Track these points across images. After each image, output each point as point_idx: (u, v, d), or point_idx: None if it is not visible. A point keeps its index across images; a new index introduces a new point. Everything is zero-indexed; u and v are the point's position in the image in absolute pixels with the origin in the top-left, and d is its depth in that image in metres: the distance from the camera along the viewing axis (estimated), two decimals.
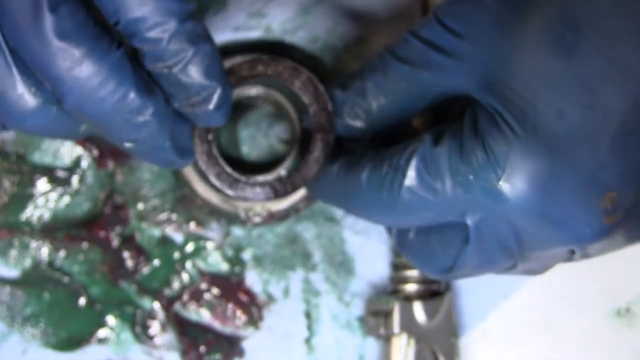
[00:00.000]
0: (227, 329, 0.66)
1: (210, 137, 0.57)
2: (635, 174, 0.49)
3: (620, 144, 0.49)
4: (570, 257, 0.53)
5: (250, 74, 0.56)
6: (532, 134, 0.50)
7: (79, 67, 0.49)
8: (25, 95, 0.50)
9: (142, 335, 0.66)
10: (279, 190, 0.58)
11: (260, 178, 0.61)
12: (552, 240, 0.51)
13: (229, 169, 0.57)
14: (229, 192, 0.57)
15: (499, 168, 0.50)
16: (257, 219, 0.65)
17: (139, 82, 0.51)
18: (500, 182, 0.50)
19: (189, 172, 0.65)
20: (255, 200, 0.58)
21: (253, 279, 0.67)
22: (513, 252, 0.53)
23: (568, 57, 0.49)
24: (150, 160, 0.55)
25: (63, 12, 0.49)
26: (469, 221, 0.53)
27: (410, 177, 0.53)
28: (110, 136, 0.52)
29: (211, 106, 0.52)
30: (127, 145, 0.53)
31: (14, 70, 0.50)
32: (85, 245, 0.66)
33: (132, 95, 0.50)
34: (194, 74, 0.51)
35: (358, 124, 0.57)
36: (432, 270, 0.56)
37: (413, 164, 0.53)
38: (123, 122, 0.51)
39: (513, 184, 0.50)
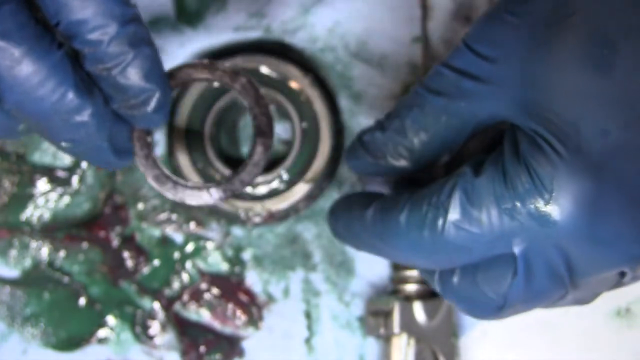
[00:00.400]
0: (227, 329, 0.66)
1: (149, 139, 0.56)
2: None
3: None
4: (620, 280, 0.52)
5: (190, 78, 0.55)
6: (577, 154, 0.49)
7: (19, 66, 0.50)
8: None
9: (142, 335, 0.66)
10: (217, 194, 0.57)
11: (200, 182, 0.60)
12: (603, 262, 0.50)
13: (167, 172, 0.56)
14: (169, 194, 0.56)
15: (545, 191, 0.49)
16: (257, 219, 0.65)
17: (79, 82, 0.51)
18: (548, 206, 0.49)
19: (189, 172, 0.65)
20: (194, 203, 0.57)
21: (253, 279, 0.67)
22: (563, 280, 0.51)
23: (607, 74, 0.48)
24: (88, 161, 0.55)
25: (4, 13, 0.49)
26: (517, 250, 0.51)
27: (454, 212, 0.52)
28: (48, 135, 0.53)
29: (149, 109, 0.53)
30: (65, 145, 0.53)
31: None
32: (85, 245, 0.66)
33: (70, 95, 0.51)
34: (133, 77, 0.52)
35: (403, 163, 0.56)
36: (483, 312, 0.54)
37: (455, 198, 0.52)
38: (61, 122, 0.52)
39: (561, 206, 0.49)
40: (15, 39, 0.50)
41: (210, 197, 0.56)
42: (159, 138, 0.66)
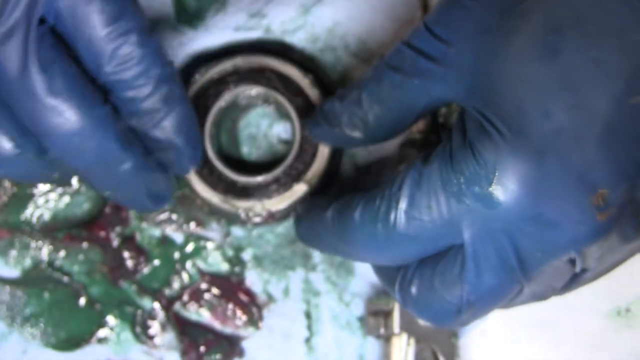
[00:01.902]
0: (227, 329, 0.66)
1: None
2: (624, 171, 0.49)
3: (607, 141, 0.49)
4: (572, 270, 0.53)
5: None
6: (520, 135, 0.50)
7: (67, 123, 0.52)
8: (4, 144, 0.53)
9: (142, 335, 0.66)
10: None
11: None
12: (550, 245, 0.51)
13: None
14: None
15: (489, 172, 0.50)
16: (257, 219, 0.65)
17: (121, 135, 0.54)
18: (492, 186, 0.50)
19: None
20: None
21: (253, 279, 0.67)
22: (515, 272, 0.52)
23: (552, 59, 0.49)
24: (125, 205, 0.59)
25: (54, 71, 0.51)
26: (466, 236, 0.52)
27: (404, 201, 0.53)
28: (90, 183, 0.56)
29: (181, 160, 0.57)
30: (108, 192, 0.57)
31: None
32: (85, 245, 0.66)
33: (114, 148, 0.54)
34: (165, 131, 0.56)
35: (357, 134, 0.58)
36: (443, 318, 0.55)
37: (405, 188, 0.53)
38: (104, 173, 0.55)
39: (504, 187, 0.50)
40: (64, 97, 0.52)
41: None
42: None
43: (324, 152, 0.64)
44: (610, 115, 0.49)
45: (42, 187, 0.66)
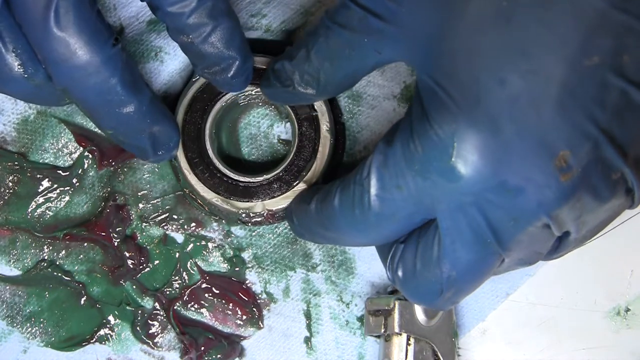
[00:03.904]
0: (227, 329, 0.67)
1: None
2: (584, 131, 0.49)
3: (564, 104, 0.49)
4: (553, 237, 0.52)
5: None
6: (476, 104, 0.50)
7: (74, 56, 0.53)
8: (14, 65, 0.54)
9: (143, 335, 0.66)
10: None
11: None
12: (520, 212, 0.51)
13: None
14: None
15: (448, 146, 0.50)
16: (257, 219, 0.65)
17: (128, 79, 0.55)
18: (452, 159, 0.50)
19: (189, 172, 0.65)
20: None
21: (253, 279, 0.67)
22: (490, 243, 0.52)
23: (505, 25, 0.49)
24: (127, 149, 0.60)
25: (66, 5, 0.52)
26: (437, 212, 0.52)
27: (374, 185, 0.54)
28: (91, 119, 0.58)
29: (229, 75, 0.58)
30: (107, 131, 0.58)
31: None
32: (86, 244, 0.66)
33: (117, 89, 0.55)
34: (214, 46, 0.57)
35: (309, 90, 0.58)
36: (428, 297, 0.55)
37: (373, 171, 0.54)
38: (105, 112, 0.56)
39: (464, 159, 0.50)
40: (73, 32, 0.53)
41: None
42: None
43: (323, 151, 0.64)
44: (566, 78, 0.49)
45: (43, 187, 0.66)
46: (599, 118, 0.49)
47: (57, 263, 0.66)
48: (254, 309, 0.66)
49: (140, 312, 0.66)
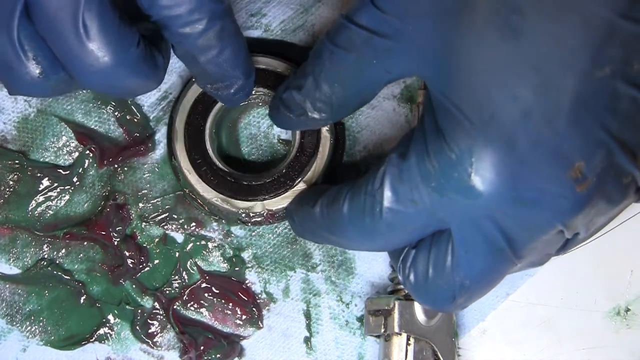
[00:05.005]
0: (227, 329, 0.66)
1: None
2: (597, 140, 0.49)
3: (577, 115, 0.49)
4: (563, 239, 0.53)
5: None
6: (491, 121, 0.50)
7: (101, 64, 0.52)
8: (33, 71, 0.53)
9: (142, 334, 0.66)
10: None
11: None
12: (535, 223, 0.51)
13: None
14: None
15: (466, 164, 0.50)
16: (257, 219, 0.65)
17: (149, 71, 0.55)
18: (470, 178, 0.50)
19: (190, 172, 0.65)
20: None
21: (253, 279, 0.67)
22: (506, 253, 0.52)
23: (514, 40, 0.49)
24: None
25: (90, 17, 0.51)
26: (452, 225, 0.53)
27: (387, 197, 0.54)
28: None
29: (231, 92, 0.58)
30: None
31: (20, 51, 0.53)
32: (85, 243, 0.66)
33: (140, 83, 0.55)
34: (220, 66, 0.56)
35: (323, 115, 0.58)
36: (440, 302, 0.56)
37: (386, 184, 0.54)
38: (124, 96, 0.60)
39: (483, 177, 0.50)
40: (99, 41, 0.52)
41: None
42: (160, 138, 0.67)
43: (323, 152, 0.64)
44: (578, 90, 0.49)
45: (44, 186, 0.66)
46: (611, 126, 0.49)
47: (57, 262, 0.66)
48: (254, 308, 0.66)
49: (139, 311, 0.66)
